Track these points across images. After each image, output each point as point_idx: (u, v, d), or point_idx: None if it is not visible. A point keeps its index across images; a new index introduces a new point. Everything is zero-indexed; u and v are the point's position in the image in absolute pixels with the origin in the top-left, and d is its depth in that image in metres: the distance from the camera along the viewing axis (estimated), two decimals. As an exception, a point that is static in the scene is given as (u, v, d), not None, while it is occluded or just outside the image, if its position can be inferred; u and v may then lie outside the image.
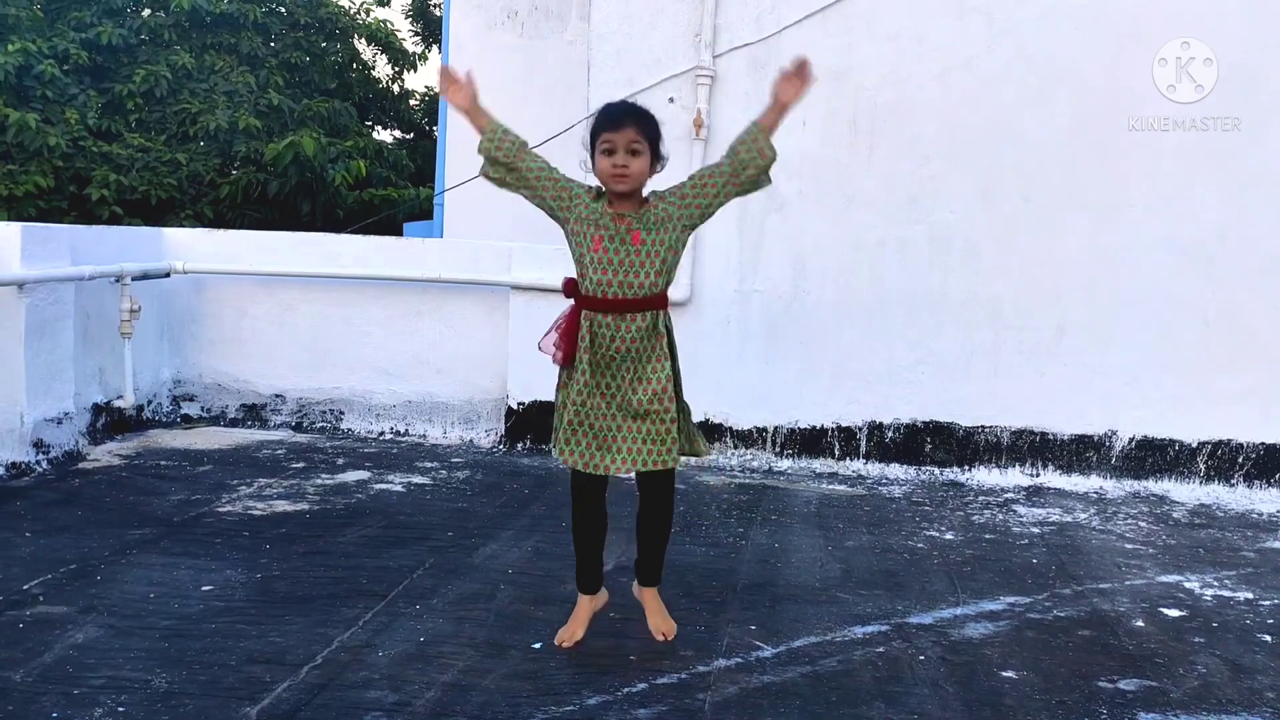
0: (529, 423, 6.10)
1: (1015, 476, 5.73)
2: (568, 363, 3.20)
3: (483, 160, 3.21)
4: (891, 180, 5.74)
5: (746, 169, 3.16)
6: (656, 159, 3.15)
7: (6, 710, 2.78)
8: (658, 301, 3.18)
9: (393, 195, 12.60)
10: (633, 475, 3.25)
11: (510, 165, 3.18)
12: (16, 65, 10.53)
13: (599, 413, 3.16)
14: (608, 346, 3.13)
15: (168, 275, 6.20)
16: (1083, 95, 5.59)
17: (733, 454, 5.97)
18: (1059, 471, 5.71)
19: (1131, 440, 5.68)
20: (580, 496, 3.30)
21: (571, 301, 3.23)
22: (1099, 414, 5.68)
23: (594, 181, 3.22)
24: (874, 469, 5.86)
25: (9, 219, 8.72)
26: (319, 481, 5.26)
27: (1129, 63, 5.54)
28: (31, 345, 5.14)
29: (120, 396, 5.93)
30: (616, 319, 3.11)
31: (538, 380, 5.88)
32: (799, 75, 3.12)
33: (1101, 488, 5.65)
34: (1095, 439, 5.70)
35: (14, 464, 5.13)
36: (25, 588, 3.65)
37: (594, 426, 3.16)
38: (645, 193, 3.20)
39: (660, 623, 3.38)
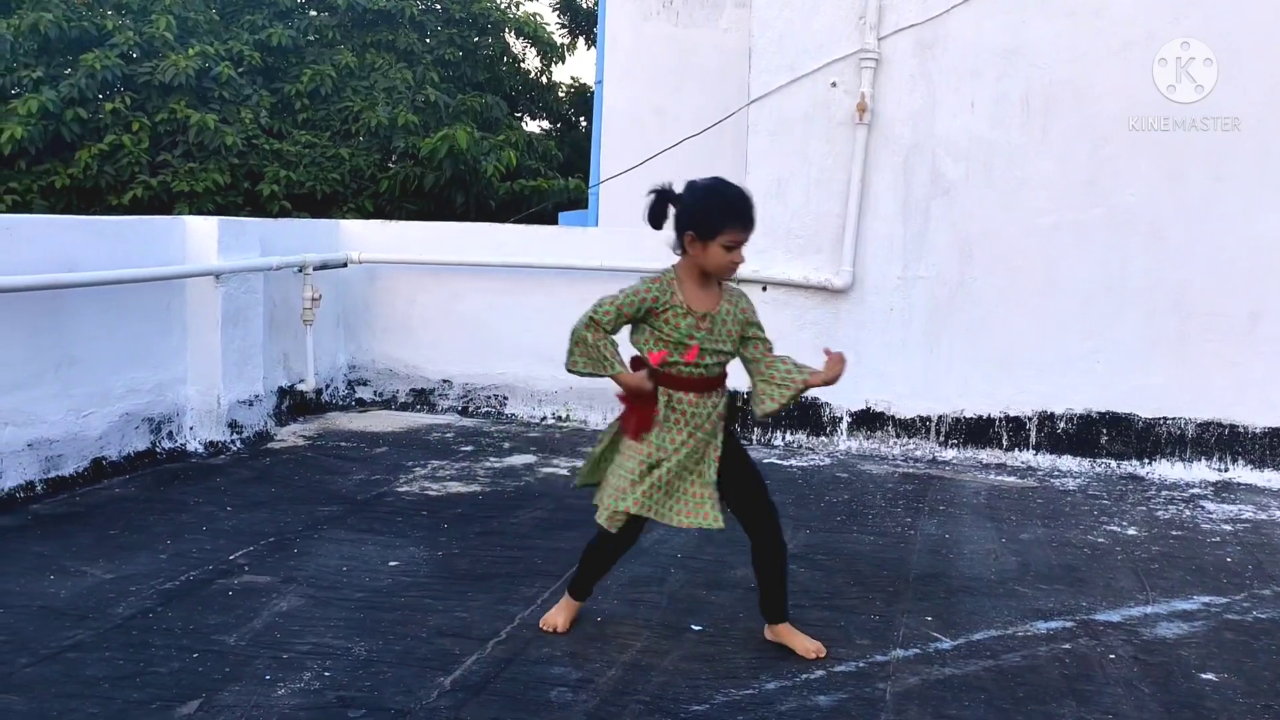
0: (687, 409, 6.13)
1: (1201, 471, 5.43)
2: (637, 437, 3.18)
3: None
4: (1067, 162, 5.51)
5: (759, 381, 3.17)
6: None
7: (224, 671, 2.98)
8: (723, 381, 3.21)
9: (543, 186, 12.82)
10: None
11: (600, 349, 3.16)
12: (196, 68, 11.17)
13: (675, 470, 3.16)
14: (689, 419, 3.13)
15: (345, 265, 6.50)
16: (1277, 66, 5.24)
17: (895, 443, 5.86)
18: (1250, 466, 5.39)
19: (1332, 434, 5.31)
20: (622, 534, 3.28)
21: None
22: (1295, 406, 5.34)
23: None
24: (1044, 460, 5.66)
25: (190, 213, 9.27)
26: (488, 464, 5.43)
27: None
28: (227, 332, 5.49)
29: (302, 380, 6.27)
30: (700, 397, 3.12)
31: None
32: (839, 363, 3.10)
33: (1298, 484, 5.30)
34: (1290, 433, 5.35)
35: (212, 443, 5.48)
36: (231, 558, 3.91)
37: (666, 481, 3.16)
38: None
39: (807, 644, 3.26)
